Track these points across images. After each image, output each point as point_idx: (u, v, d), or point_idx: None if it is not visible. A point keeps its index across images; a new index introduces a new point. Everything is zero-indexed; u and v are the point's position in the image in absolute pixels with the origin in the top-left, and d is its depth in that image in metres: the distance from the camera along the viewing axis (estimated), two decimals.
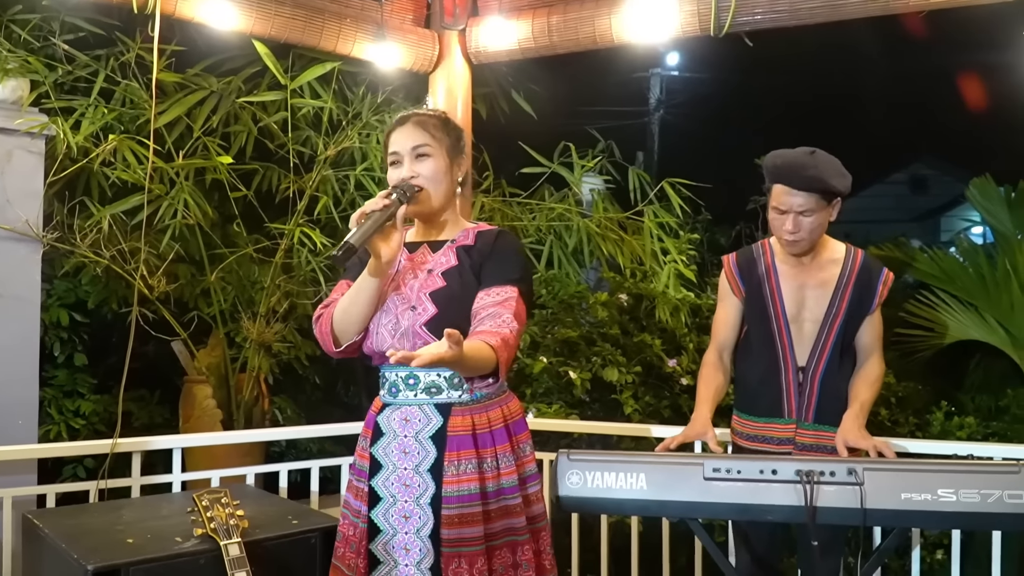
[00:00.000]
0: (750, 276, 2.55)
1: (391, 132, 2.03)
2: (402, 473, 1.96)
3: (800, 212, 2.34)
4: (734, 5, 3.12)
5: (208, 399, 4.33)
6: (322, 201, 4.25)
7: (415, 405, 1.99)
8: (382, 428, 2.01)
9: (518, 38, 3.53)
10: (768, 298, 2.51)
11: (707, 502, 2.13)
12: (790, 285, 2.49)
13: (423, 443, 1.97)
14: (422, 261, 2.02)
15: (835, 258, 2.49)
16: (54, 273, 4.28)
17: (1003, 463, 2.07)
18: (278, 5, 3.22)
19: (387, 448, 1.99)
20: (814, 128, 14.81)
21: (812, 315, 2.47)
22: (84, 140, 3.65)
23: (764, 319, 2.51)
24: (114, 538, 2.14)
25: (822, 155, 2.38)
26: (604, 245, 4.32)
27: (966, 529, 2.57)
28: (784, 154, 2.39)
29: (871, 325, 2.49)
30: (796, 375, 2.47)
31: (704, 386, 2.54)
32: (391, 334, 1.96)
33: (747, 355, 2.59)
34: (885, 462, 2.13)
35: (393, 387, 2.01)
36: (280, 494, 3.09)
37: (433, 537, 1.93)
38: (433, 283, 1.98)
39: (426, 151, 1.97)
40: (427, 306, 1.96)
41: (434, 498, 1.93)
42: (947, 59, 12.16)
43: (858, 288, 2.46)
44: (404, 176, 1.95)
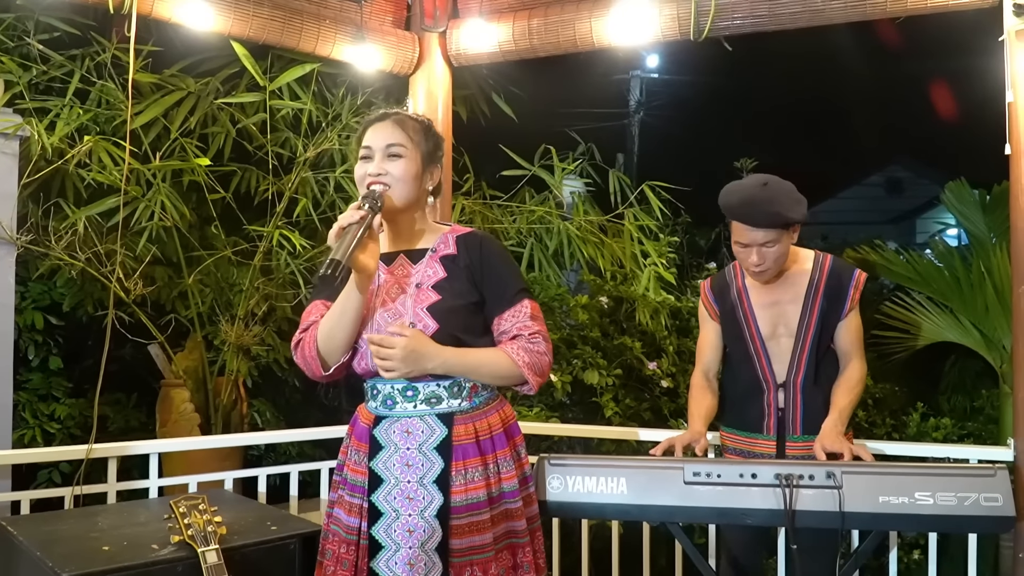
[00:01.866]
0: (724, 299, 2.60)
1: (367, 126, 1.99)
2: (405, 487, 1.92)
3: (763, 244, 2.37)
4: (714, 10, 3.13)
5: (186, 403, 4.29)
6: (301, 203, 4.22)
7: (415, 416, 1.95)
8: (380, 442, 1.95)
9: (499, 41, 3.52)
10: (742, 319, 2.55)
11: (688, 506, 2.15)
12: (762, 304, 2.53)
13: (428, 455, 1.92)
14: (404, 274, 1.98)
15: (804, 268, 2.52)
16: (28, 275, 4.23)
17: (979, 466, 2.09)
18: (256, 6, 3.19)
19: (388, 462, 1.94)
20: (792, 131, 14.97)
21: (787, 330, 2.51)
22: (59, 141, 3.60)
23: (740, 340, 2.56)
24: (89, 545, 2.11)
25: (774, 185, 2.38)
26: (584, 248, 4.33)
27: (943, 532, 2.60)
28: (739, 191, 2.40)
29: (847, 328, 2.51)
30: (776, 393, 2.51)
31: (695, 405, 2.57)
32: None
33: (729, 373, 2.65)
34: (863, 466, 2.15)
35: (388, 399, 1.96)
36: (259, 499, 3.07)
37: (440, 550, 1.89)
38: (427, 297, 1.95)
39: (398, 151, 1.93)
40: (427, 322, 1.93)
41: (441, 509, 1.89)
42: (923, 65, 12.32)
43: (828, 294, 2.49)
44: (371, 172, 1.91)
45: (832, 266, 2.52)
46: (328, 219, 4.53)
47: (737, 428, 2.59)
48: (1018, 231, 2.74)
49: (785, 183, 2.42)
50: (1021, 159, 2.71)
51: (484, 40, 3.54)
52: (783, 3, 3.07)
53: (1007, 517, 2.04)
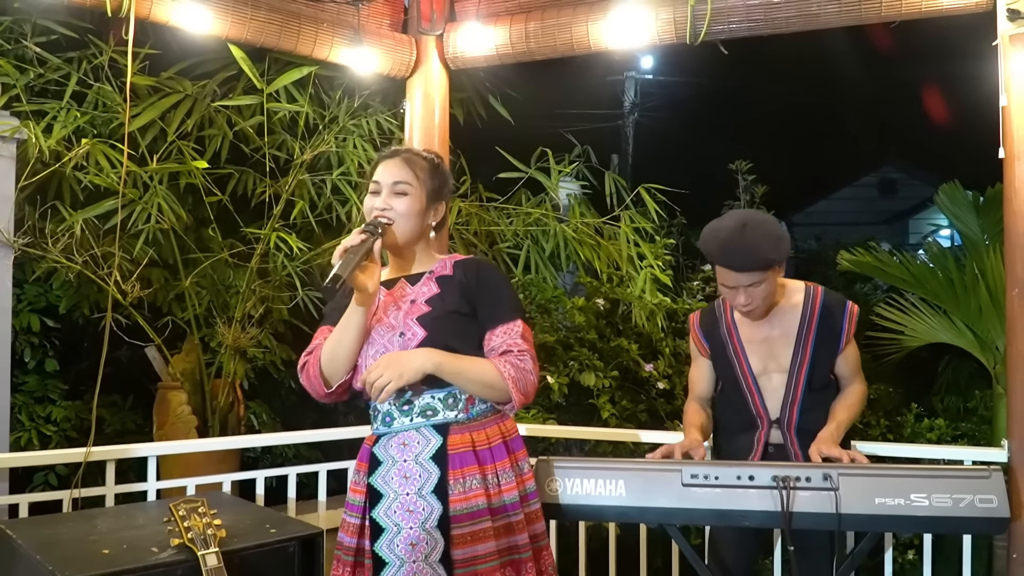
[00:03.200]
0: (713, 336, 2.57)
1: (379, 162, 2.09)
2: (404, 499, 1.93)
3: (748, 286, 2.34)
4: (709, 14, 3.14)
5: (183, 405, 4.29)
6: (298, 205, 4.23)
7: (412, 429, 1.98)
8: (379, 457, 1.99)
9: (496, 44, 3.52)
10: (733, 357, 2.52)
11: (685, 508, 2.16)
12: (753, 340, 2.50)
13: (424, 465, 1.95)
14: (402, 295, 2.06)
15: (794, 302, 2.49)
16: (25, 278, 4.22)
17: (974, 468, 2.11)
18: (254, 9, 3.19)
19: (386, 476, 1.96)
20: (786, 132, 14.99)
21: (779, 366, 2.48)
22: (56, 144, 3.60)
23: (732, 377, 2.53)
24: (89, 548, 2.10)
25: (753, 226, 2.32)
26: (581, 250, 4.34)
27: (939, 533, 2.61)
28: (718, 235, 2.35)
29: (845, 358, 2.50)
30: (771, 428, 2.49)
31: (690, 420, 2.54)
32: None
33: (722, 406, 2.62)
34: (860, 468, 2.16)
35: (387, 417, 2.00)
36: (257, 501, 3.07)
37: (444, 561, 1.90)
38: (418, 310, 2.02)
39: (404, 189, 2.02)
40: (415, 330, 1.99)
41: (441, 519, 1.91)
42: (917, 68, 12.37)
43: (821, 331, 2.46)
44: (378, 207, 2.01)
45: (824, 301, 2.48)
46: (325, 221, 4.53)
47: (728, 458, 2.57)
48: (1012, 234, 2.76)
49: (766, 221, 2.38)
50: (1014, 162, 2.72)
51: (481, 43, 3.54)
52: (779, 7, 3.09)
53: (1001, 518, 2.06)
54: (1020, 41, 2.67)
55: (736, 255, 2.30)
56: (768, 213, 2.50)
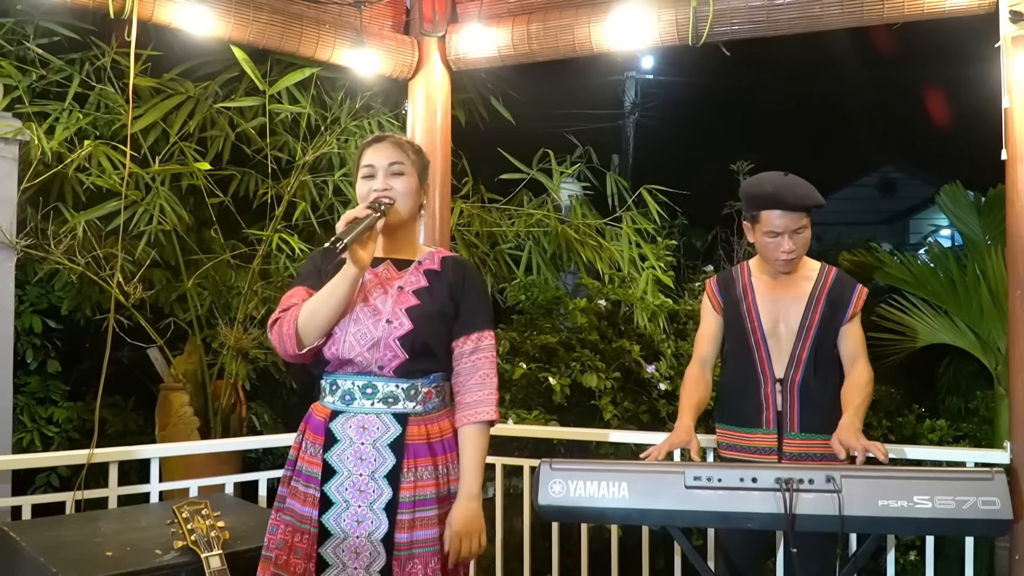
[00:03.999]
0: (728, 293, 2.66)
1: (366, 148, 2.13)
2: (357, 479, 2.01)
3: (795, 231, 2.48)
4: (712, 15, 3.15)
5: (185, 407, 4.29)
6: (300, 207, 4.23)
7: (372, 414, 2.04)
8: (336, 435, 2.04)
9: (498, 45, 3.53)
10: (745, 313, 2.61)
11: (688, 510, 2.16)
12: (766, 300, 2.60)
13: (381, 451, 2.02)
14: (388, 277, 2.09)
15: (808, 274, 2.62)
16: (27, 279, 4.23)
17: (977, 470, 2.11)
18: (256, 11, 3.19)
19: (342, 455, 2.03)
20: (786, 132, 14.98)
21: (787, 327, 2.57)
22: (58, 145, 3.60)
23: (742, 333, 2.61)
24: (92, 551, 2.11)
25: (792, 176, 2.51)
26: (583, 251, 4.34)
27: (941, 535, 2.62)
28: (767, 180, 2.52)
29: (850, 334, 2.58)
30: (775, 386, 2.56)
31: (686, 396, 2.61)
32: (360, 343, 2.03)
33: (727, 368, 2.69)
34: (863, 470, 2.16)
35: (347, 395, 2.05)
36: (259, 503, 3.08)
37: (386, 541, 1.99)
38: (407, 300, 2.06)
39: (401, 169, 2.08)
40: (403, 321, 2.04)
41: (389, 504, 2.00)
42: (918, 70, 12.37)
43: (830, 300, 2.57)
44: (377, 188, 2.05)
45: (836, 276, 2.61)
46: (327, 222, 4.53)
47: (735, 424, 2.62)
48: (1014, 236, 2.76)
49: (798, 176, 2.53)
50: (1017, 164, 2.73)
51: (483, 45, 3.55)
52: (781, 9, 3.09)
53: (1004, 520, 2.05)
54: (1022, 43, 2.67)
55: (790, 193, 2.46)
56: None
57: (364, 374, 2.04)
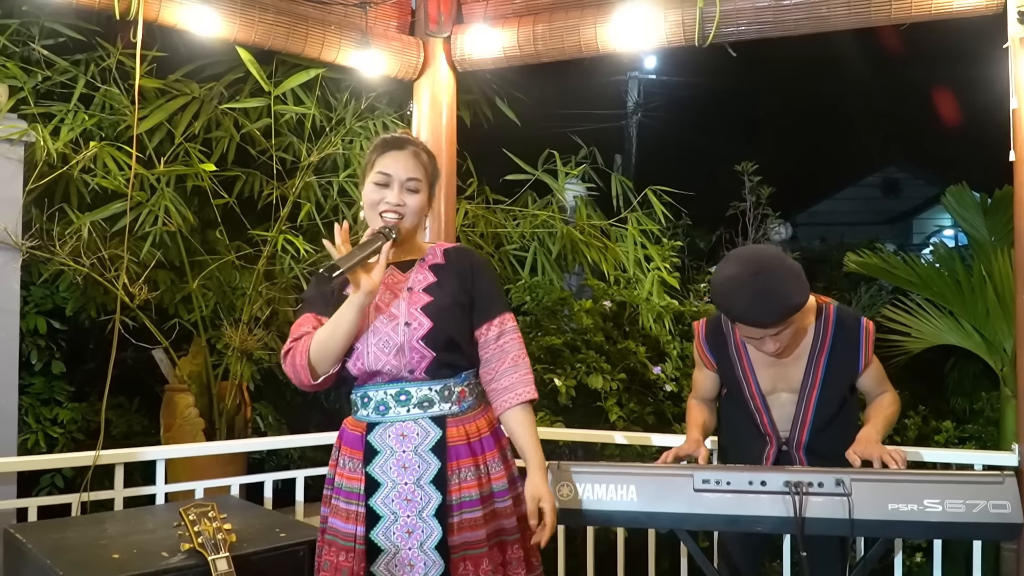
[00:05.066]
0: (720, 353, 2.49)
1: (384, 152, 2.04)
2: (402, 488, 1.97)
3: (775, 334, 2.24)
4: (718, 16, 3.14)
5: (190, 408, 4.29)
6: (305, 208, 4.22)
7: (409, 420, 2.01)
8: (375, 447, 2.01)
9: (503, 46, 3.52)
10: (741, 376, 2.46)
11: (697, 513, 2.15)
12: (762, 361, 2.42)
13: (423, 456, 1.98)
14: (395, 280, 2.05)
15: (806, 324, 2.38)
16: (31, 280, 4.22)
17: (987, 473, 2.10)
18: (262, 12, 3.19)
19: (384, 466, 1.99)
20: (790, 132, 14.95)
21: (788, 386, 2.42)
22: (63, 146, 3.60)
23: (740, 395, 2.48)
24: (98, 553, 2.11)
25: (769, 270, 2.16)
26: (588, 252, 4.33)
27: (952, 539, 2.60)
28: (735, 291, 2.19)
29: (869, 376, 2.43)
30: (779, 447, 2.44)
31: (692, 419, 2.53)
32: (384, 351, 1.99)
33: (727, 418, 2.59)
34: (872, 473, 2.15)
35: (381, 405, 2.01)
36: (265, 504, 3.07)
37: (440, 548, 1.94)
38: (419, 299, 2.02)
39: (416, 186, 2.03)
40: (421, 320, 2.00)
41: (439, 509, 1.96)
42: (922, 71, 12.35)
43: (834, 351, 2.37)
44: (391, 202, 2.00)
45: (837, 319, 2.38)
46: (332, 223, 4.51)
47: None
48: (1022, 237, 2.75)
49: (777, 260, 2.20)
50: None
51: (488, 45, 3.54)
52: (788, 10, 3.09)
53: (1015, 524, 2.04)
54: None
55: (762, 313, 2.17)
56: (768, 243, 2.40)
57: (395, 381, 2.00)
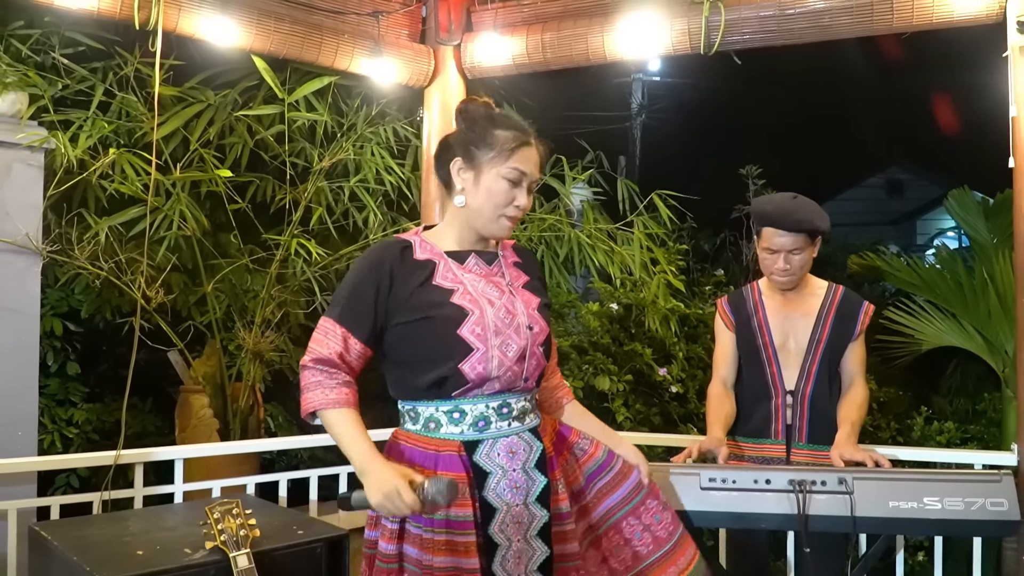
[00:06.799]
0: (739, 311, 2.72)
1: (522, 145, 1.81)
2: (515, 512, 1.79)
3: (790, 251, 2.53)
4: (723, 24, 3.20)
5: (204, 408, 4.36)
6: (317, 212, 4.29)
7: (513, 435, 1.83)
8: (484, 468, 1.79)
9: (512, 54, 3.59)
10: (756, 329, 2.67)
11: (704, 511, 2.22)
12: (776, 316, 2.66)
13: (530, 473, 1.82)
14: (488, 272, 1.86)
15: (816, 292, 2.68)
16: (48, 283, 4.30)
17: (985, 472, 2.16)
18: (277, 22, 3.26)
19: (497, 489, 1.79)
20: (793, 135, 14.95)
21: (797, 343, 2.62)
22: (82, 153, 3.67)
23: (754, 348, 2.66)
24: (123, 550, 2.16)
25: (804, 199, 2.56)
26: (594, 255, 4.39)
27: (951, 535, 2.67)
28: (772, 200, 2.60)
29: (854, 352, 2.62)
30: (785, 398, 2.60)
31: (712, 412, 2.64)
32: (509, 356, 1.79)
33: (740, 383, 2.73)
34: (874, 471, 2.22)
35: (481, 421, 1.80)
36: (279, 503, 3.14)
37: (544, 567, 1.80)
38: (529, 299, 1.88)
39: (536, 185, 1.87)
40: (541, 324, 1.88)
41: (544, 527, 1.81)
42: (928, 76, 12.39)
43: (839, 318, 2.62)
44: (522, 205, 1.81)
45: (843, 294, 2.66)
46: (342, 228, 4.59)
47: (745, 435, 2.66)
48: (1021, 241, 2.81)
49: (812, 201, 2.58)
50: None
51: (498, 53, 3.61)
52: (792, 19, 3.15)
53: (1012, 521, 2.11)
54: None
55: (788, 216, 2.51)
56: None
57: (499, 393, 1.80)
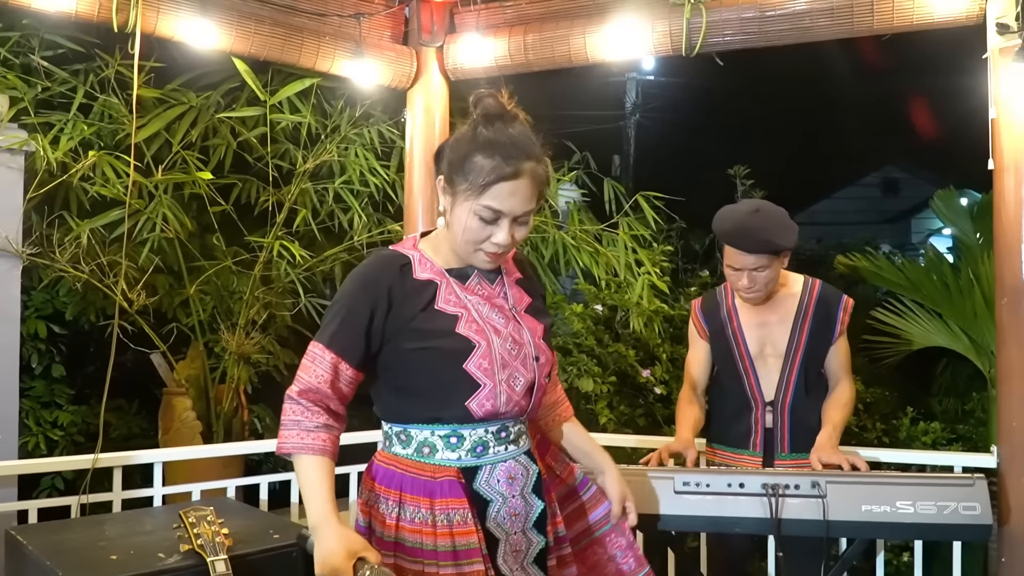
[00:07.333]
0: (713, 319, 2.65)
1: (503, 179, 1.58)
2: (513, 540, 1.69)
3: (753, 269, 2.43)
4: (705, 27, 3.20)
5: (187, 411, 4.35)
6: (301, 214, 4.29)
7: (510, 459, 1.71)
8: (485, 495, 1.67)
9: (495, 55, 3.58)
10: (731, 338, 2.60)
11: (678, 515, 2.22)
12: (751, 324, 2.58)
13: (527, 498, 1.71)
14: (490, 294, 1.72)
15: (793, 292, 2.58)
16: (32, 285, 4.29)
17: (958, 475, 2.17)
18: (258, 24, 3.25)
19: (499, 517, 1.68)
20: (788, 133, 14.97)
21: (775, 350, 2.56)
22: (63, 155, 3.66)
23: (730, 358, 2.61)
24: (97, 555, 2.15)
25: (767, 211, 2.44)
26: (579, 257, 4.39)
27: (923, 539, 2.67)
28: (731, 216, 2.46)
29: (837, 352, 2.57)
30: (764, 410, 2.56)
31: (682, 416, 2.62)
32: (517, 390, 1.68)
33: (719, 392, 2.69)
34: (847, 475, 2.22)
35: (479, 446, 1.67)
36: (261, 506, 3.13)
37: None
38: (533, 325, 1.74)
39: (528, 216, 1.64)
40: (548, 355, 1.76)
41: (540, 554, 1.72)
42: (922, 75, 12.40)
43: (817, 320, 2.54)
44: (502, 243, 1.61)
45: (820, 292, 2.57)
46: (328, 229, 4.58)
47: (723, 444, 2.65)
48: (1001, 244, 2.82)
49: (777, 210, 2.47)
50: (1004, 174, 2.78)
51: (480, 55, 3.60)
52: (772, 21, 3.14)
53: (985, 525, 2.11)
54: (1009, 54, 2.71)
55: (747, 236, 2.38)
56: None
57: (499, 419, 1.68)
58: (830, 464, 2.32)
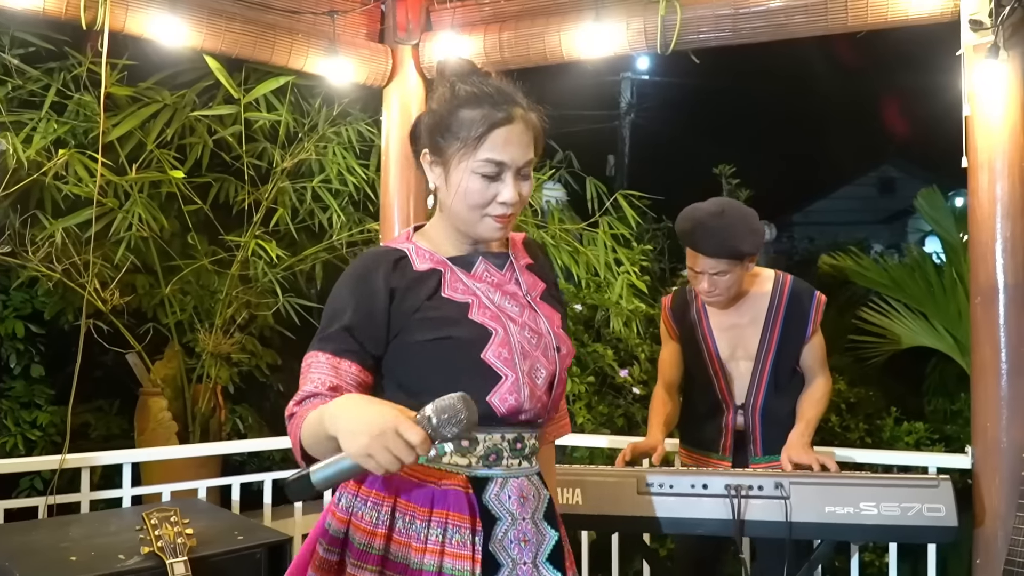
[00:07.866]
0: (682, 320, 2.60)
1: (497, 124, 1.42)
2: (521, 570, 1.46)
3: (714, 273, 2.35)
4: (679, 24, 3.18)
5: (163, 411, 4.33)
6: (279, 213, 4.26)
7: (523, 476, 1.50)
8: (494, 512, 1.46)
9: (471, 53, 3.56)
10: (701, 341, 2.55)
11: (641, 516, 2.21)
12: (721, 326, 2.52)
13: (539, 525, 1.51)
14: (500, 282, 1.54)
15: (763, 291, 2.50)
16: (10, 284, 4.27)
17: (923, 476, 2.15)
18: (228, 21, 3.22)
19: (504, 540, 1.46)
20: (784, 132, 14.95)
21: (746, 353, 2.51)
22: (36, 154, 3.64)
23: (700, 362, 2.55)
24: (57, 556, 2.15)
25: (732, 213, 2.34)
26: (559, 256, 4.37)
27: (887, 541, 2.65)
28: (693, 216, 2.36)
29: (811, 349, 2.52)
30: (735, 413, 2.51)
31: (654, 414, 2.59)
32: (539, 384, 1.49)
33: (690, 393, 2.65)
34: (811, 476, 2.20)
35: (492, 453, 1.47)
36: (233, 507, 3.11)
37: None
38: (550, 313, 1.57)
39: (529, 170, 1.48)
40: (569, 345, 1.58)
41: None
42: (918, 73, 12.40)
43: (788, 317, 2.48)
44: (508, 201, 1.44)
45: (792, 289, 2.49)
46: (309, 228, 4.55)
47: (694, 446, 2.62)
48: (975, 243, 2.79)
49: (744, 211, 2.38)
50: (978, 172, 2.76)
51: (456, 53, 3.58)
52: (747, 18, 3.12)
53: (950, 527, 2.09)
54: (982, 51, 2.69)
55: (707, 239, 2.30)
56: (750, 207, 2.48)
57: (517, 424, 1.47)
58: (800, 464, 2.30)
